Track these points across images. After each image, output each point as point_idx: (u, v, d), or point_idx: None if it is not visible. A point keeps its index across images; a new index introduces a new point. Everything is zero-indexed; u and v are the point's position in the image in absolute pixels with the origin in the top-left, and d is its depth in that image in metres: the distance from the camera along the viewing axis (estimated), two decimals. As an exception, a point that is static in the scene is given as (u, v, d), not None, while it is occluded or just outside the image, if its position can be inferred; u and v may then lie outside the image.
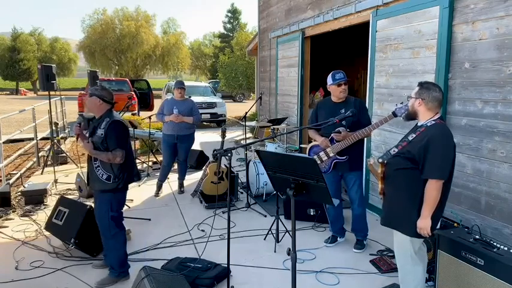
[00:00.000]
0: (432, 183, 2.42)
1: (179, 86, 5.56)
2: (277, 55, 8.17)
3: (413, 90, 2.61)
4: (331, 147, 3.67)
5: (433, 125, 2.49)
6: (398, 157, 2.56)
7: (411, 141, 2.51)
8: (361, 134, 3.50)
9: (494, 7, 3.34)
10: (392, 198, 2.66)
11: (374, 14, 4.84)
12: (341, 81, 3.65)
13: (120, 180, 3.15)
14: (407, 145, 2.53)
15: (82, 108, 12.91)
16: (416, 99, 2.55)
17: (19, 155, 8.12)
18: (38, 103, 8.61)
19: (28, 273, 3.44)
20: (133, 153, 3.38)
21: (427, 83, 2.57)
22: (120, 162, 3.10)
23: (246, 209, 5.13)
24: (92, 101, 3.17)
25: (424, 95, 2.52)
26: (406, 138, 2.57)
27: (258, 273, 3.49)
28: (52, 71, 6.69)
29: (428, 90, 2.52)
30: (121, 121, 3.18)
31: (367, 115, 3.71)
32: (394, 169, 2.57)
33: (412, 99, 2.60)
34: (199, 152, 7.53)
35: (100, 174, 3.15)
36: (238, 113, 17.47)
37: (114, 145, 3.08)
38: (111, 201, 3.19)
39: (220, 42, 46.18)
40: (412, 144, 2.50)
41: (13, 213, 4.93)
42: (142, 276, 2.77)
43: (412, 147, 2.49)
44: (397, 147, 2.59)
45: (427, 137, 2.43)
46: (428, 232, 2.48)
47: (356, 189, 3.83)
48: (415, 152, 2.46)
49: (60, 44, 47.53)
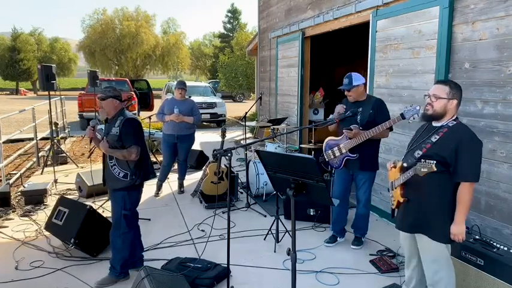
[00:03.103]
0: (466, 186, 2.34)
1: (180, 87, 5.56)
2: (277, 55, 8.18)
3: (433, 89, 2.44)
4: (344, 144, 3.69)
5: (456, 126, 2.40)
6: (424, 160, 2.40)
7: (436, 143, 2.39)
8: (371, 133, 3.50)
9: (494, 7, 3.34)
10: (420, 204, 2.51)
11: (374, 14, 4.84)
12: (344, 89, 3.71)
13: (137, 177, 3.19)
14: (432, 147, 2.40)
15: (82, 108, 12.87)
16: (451, 100, 2.39)
17: (19, 155, 8.12)
18: (38, 103, 8.62)
19: (28, 273, 3.44)
20: (147, 151, 3.39)
21: (453, 82, 2.46)
22: (136, 159, 3.13)
23: (246, 209, 5.13)
24: (110, 103, 3.20)
25: (457, 95, 2.40)
26: (428, 140, 2.44)
27: (258, 273, 3.49)
28: (52, 71, 6.69)
29: (459, 90, 2.42)
30: (135, 118, 3.23)
31: (384, 115, 3.65)
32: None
33: (442, 100, 2.40)
34: (199, 152, 7.54)
35: (116, 172, 3.17)
36: (238, 113, 17.47)
37: (129, 142, 3.11)
38: (125, 199, 3.21)
39: (220, 42, 46.18)
40: (438, 146, 2.38)
41: (13, 213, 4.93)
42: (142, 276, 2.77)
43: (439, 149, 2.37)
44: (421, 149, 2.45)
45: (456, 138, 2.33)
46: (464, 238, 2.39)
47: (365, 189, 3.85)
48: (446, 154, 2.34)
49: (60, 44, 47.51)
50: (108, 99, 3.20)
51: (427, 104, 2.45)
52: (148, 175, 3.34)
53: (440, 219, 2.44)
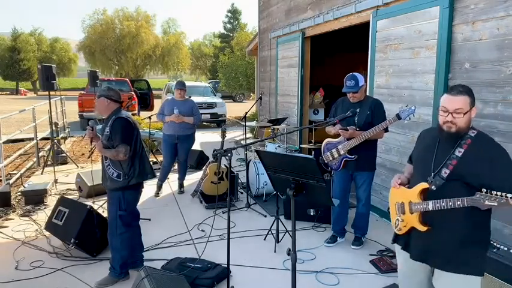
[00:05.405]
0: None
1: (180, 87, 5.56)
2: (277, 55, 8.18)
3: (452, 103, 2.00)
4: (342, 145, 3.70)
5: (480, 135, 2.04)
6: (454, 180, 2.01)
7: (462, 158, 2.00)
8: (369, 134, 3.51)
9: (494, 7, 3.34)
10: (448, 232, 2.05)
11: (374, 14, 4.84)
12: (348, 92, 3.71)
13: (131, 177, 3.17)
14: (458, 164, 2.01)
15: (82, 108, 12.89)
16: (472, 109, 2.03)
17: (19, 155, 8.12)
18: (38, 103, 8.62)
19: (28, 273, 3.44)
20: (144, 151, 3.37)
21: (464, 86, 2.06)
22: (124, 159, 3.11)
23: (246, 209, 5.13)
24: (100, 101, 3.21)
25: (474, 102, 2.05)
26: (453, 155, 2.03)
27: (258, 273, 3.49)
28: (52, 71, 6.69)
29: (472, 92, 2.06)
30: (125, 118, 3.20)
31: (380, 116, 3.66)
32: (453, 196, 1.96)
33: (466, 114, 2.00)
34: (199, 152, 7.54)
35: (111, 172, 3.18)
36: (238, 113, 17.46)
37: (117, 141, 3.10)
38: (120, 200, 3.20)
39: (220, 42, 46.18)
40: (466, 161, 1.99)
41: (13, 213, 4.93)
42: (143, 276, 2.77)
43: (469, 165, 1.99)
44: (447, 167, 2.03)
45: (486, 151, 1.99)
46: None
47: (364, 188, 3.86)
48: (478, 171, 1.96)
49: (60, 44, 47.54)
50: (100, 98, 3.21)
51: (448, 122, 2.01)
52: (145, 175, 3.31)
53: (475, 248, 2.03)
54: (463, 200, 1.91)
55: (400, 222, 2.20)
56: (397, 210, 2.22)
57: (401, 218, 2.19)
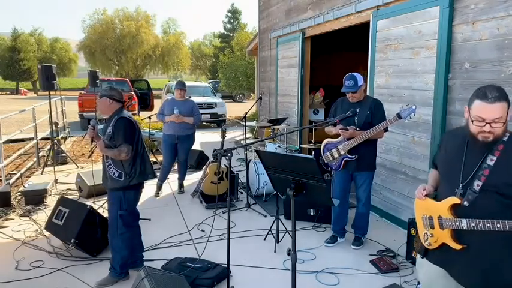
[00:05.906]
0: None
1: (180, 87, 5.56)
2: (277, 55, 8.18)
3: (491, 112, 1.77)
4: (342, 145, 3.70)
5: (510, 138, 1.85)
6: (488, 191, 1.81)
7: (495, 166, 1.81)
8: (369, 134, 3.51)
9: (495, 7, 3.34)
10: (486, 252, 1.84)
11: (374, 14, 4.84)
12: (347, 91, 3.72)
13: (132, 177, 3.17)
14: (491, 173, 1.81)
15: (82, 108, 12.89)
16: (508, 113, 1.83)
17: (19, 155, 8.12)
18: (38, 103, 8.62)
19: (28, 273, 3.44)
20: (146, 151, 3.37)
21: (499, 88, 1.85)
22: (126, 158, 3.11)
23: (246, 209, 5.13)
24: (102, 101, 3.22)
25: (510, 102, 1.83)
26: (484, 165, 1.83)
27: (258, 273, 3.49)
28: (52, 71, 6.69)
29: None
30: (127, 118, 3.21)
31: (380, 116, 3.67)
32: (489, 212, 1.78)
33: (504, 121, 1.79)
34: (199, 152, 7.54)
35: (112, 172, 3.17)
36: (238, 113, 17.46)
37: (119, 140, 3.10)
38: (121, 200, 3.21)
39: (220, 42, 46.18)
40: (500, 170, 1.80)
41: (13, 213, 4.93)
42: (143, 276, 2.77)
43: (504, 174, 1.79)
44: (479, 178, 1.83)
45: None
46: None
47: (364, 188, 3.86)
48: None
49: (60, 44, 47.56)
50: (102, 97, 3.22)
51: (484, 132, 1.80)
52: (146, 175, 3.31)
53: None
54: (504, 224, 1.69)
55: (429, 237, 2.01)
56: (424, 223, 2.04)
57: (431, 233, 2.00)
